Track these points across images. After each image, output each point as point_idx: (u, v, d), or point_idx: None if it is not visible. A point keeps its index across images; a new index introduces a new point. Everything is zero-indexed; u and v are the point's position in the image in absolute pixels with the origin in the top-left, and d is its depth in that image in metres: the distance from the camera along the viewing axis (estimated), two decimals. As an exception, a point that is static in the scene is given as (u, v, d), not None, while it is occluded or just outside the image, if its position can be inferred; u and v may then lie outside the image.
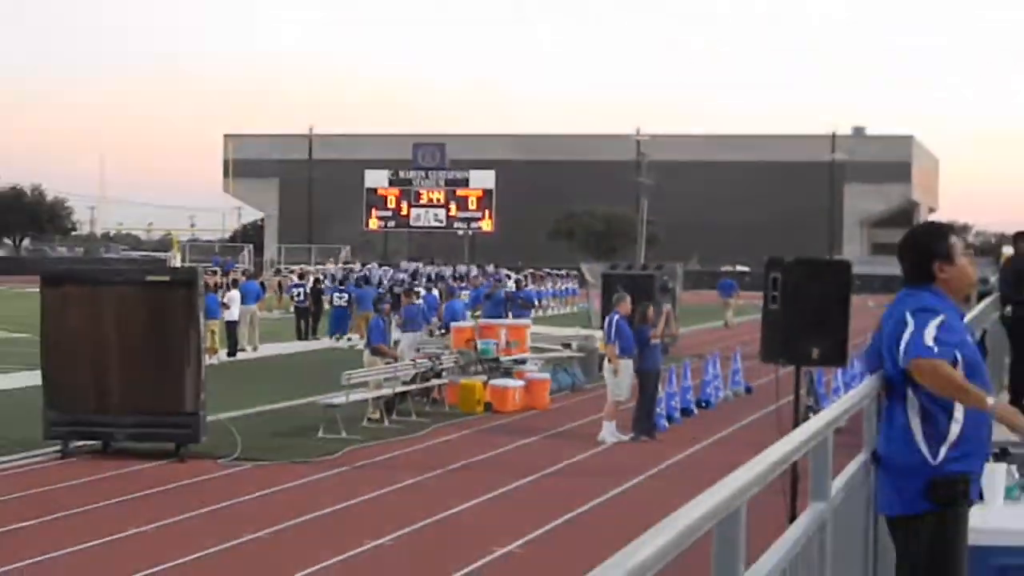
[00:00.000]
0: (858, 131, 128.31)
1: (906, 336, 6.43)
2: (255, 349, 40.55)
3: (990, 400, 6.35)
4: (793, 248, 25.07)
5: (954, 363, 6.38)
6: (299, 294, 49.34)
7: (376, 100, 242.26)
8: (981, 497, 6.95)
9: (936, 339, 6.33)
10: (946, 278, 6.74)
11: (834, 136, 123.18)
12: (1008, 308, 16.15)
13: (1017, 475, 8.77)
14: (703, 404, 28.34)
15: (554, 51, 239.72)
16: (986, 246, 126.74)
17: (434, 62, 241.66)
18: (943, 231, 7.14)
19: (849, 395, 6.34)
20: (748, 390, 30.45)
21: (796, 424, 9.55)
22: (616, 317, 23.71)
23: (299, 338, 45.77)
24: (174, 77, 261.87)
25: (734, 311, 55.75)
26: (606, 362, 24.36)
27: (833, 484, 5.55)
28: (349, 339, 43.07)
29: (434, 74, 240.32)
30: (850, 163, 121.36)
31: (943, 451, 6.50)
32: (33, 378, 22.91)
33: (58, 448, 20.86)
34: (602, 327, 26.61)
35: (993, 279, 18.58)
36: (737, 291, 57.99)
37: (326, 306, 47.61)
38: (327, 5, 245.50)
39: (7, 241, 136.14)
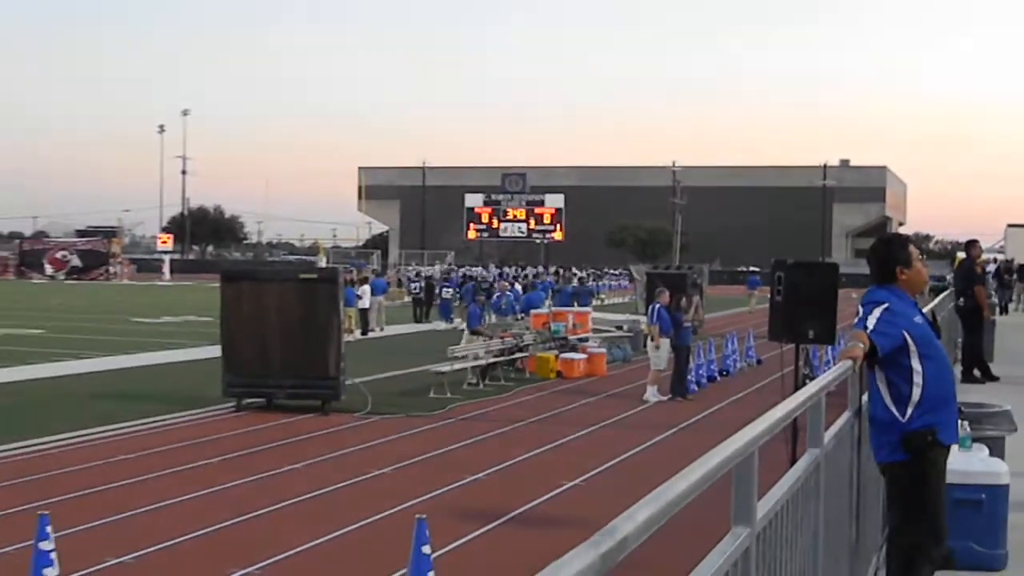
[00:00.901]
0: (844, 162, 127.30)
1: (856, 320, 6.54)
2: (382, 329, 40.79)
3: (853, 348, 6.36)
4: (793, 253, 24.92)
5: (903, 344, 6.39)
6: (416, 288, 49.72)
7: (473, 138, 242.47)
8: (957, 439, 6.95)
9: (877, 319, 6.36)
10: (905, 279, 6.71)
11: (825, 166, 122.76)
12: (960, 300, 16.02)
13: (968, 429, 8.68)
14: (724, 373, 28.28)
15: (608, 98, 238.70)
16: (943, 251, 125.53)
17: (517, 109, 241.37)
18: (903, 242, 7.09)
19: (837, 367, 6.28)
20: (759, 362, 30.29)
21: (796, 388, 9.49)
22: (657, 306, 23.80)
23: (415, 321, 45.98)
24: (323, 120, 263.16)
25: (757, 300, 55.46)
26: (649, 340, 24.30)
27: (825, 435, 5.50)
28: (453, 323, 43.18)
29: (518, 119, 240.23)
30: (837, 188, 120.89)
31: (909, 410, 6.46)
32: (214, 351, 23.12)
33: (233, 404, 21.06)
34: (646, 313, 26.60)
35: (949, 277, 18.41)
36: (761, 285, 57.80)
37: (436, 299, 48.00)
38: (433, 70, 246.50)
39: (196, 248, 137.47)
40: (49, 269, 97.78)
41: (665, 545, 2.87)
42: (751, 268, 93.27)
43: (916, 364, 6.47)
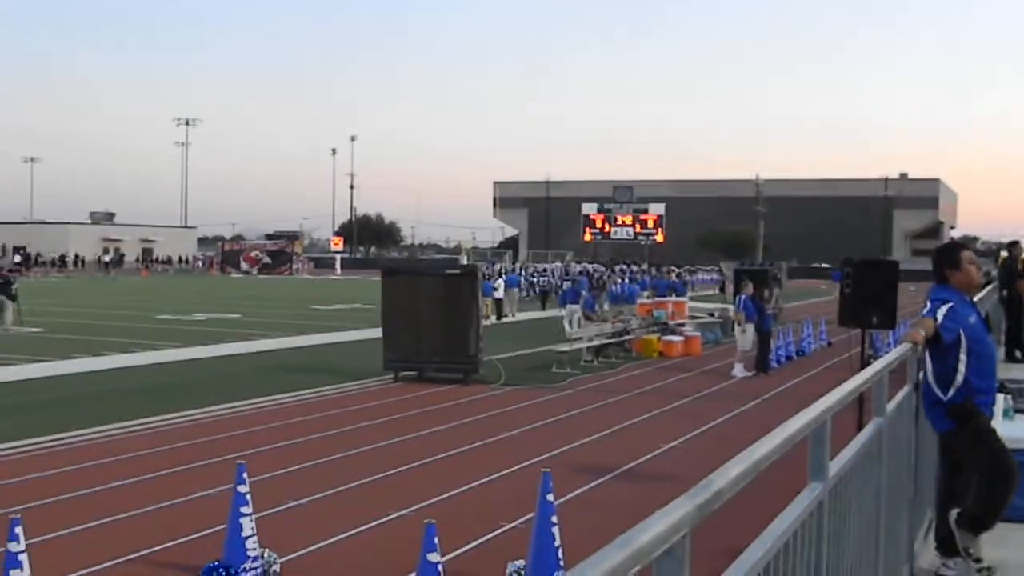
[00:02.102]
0: (903, 175, 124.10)
1: (924, 311, 6.32)
2: (514, 316, 40.78)
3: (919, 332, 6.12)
4: (858, 252, 24.29)
5: (957, 339, 6.20)
6: (543, 281, 49.70)
7: (589, 156, 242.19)
8: (991, 416, 6.73)
9: (944, 315, 6.16)
10: (957, 280, 6.51)
11: (887, 179, 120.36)
12: (1004, 292, 15.55)
13: (1012, 402, 8.43)
14: (800, 353, 27.78)
15: (700, 124, 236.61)
16: (989, 251, 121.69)
17: (625, 133, 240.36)
18: (954, 248, 6.89)
19: (897, 349, 6.12)
20: (829, 344, 29.71)
21: (862, 367, 9.29)
22: (744, 296, 23.59)
23: (542, 309, 45.90)
24: (463, 143, 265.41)
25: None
26: (736, 325, 24.06)
27: (887, 405, 5.36)
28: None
29: (624, 138, 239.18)
30: (897, 197, 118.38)
31: (951, 391, 6.29)
32: (375, 332, 23.40)
33: (391, 376, 21.28)
34: (734, 303, 26.36)
35: (994, 272, 17.91)
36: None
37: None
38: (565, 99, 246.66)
39: (361, 248, 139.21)
40: (245, 266, 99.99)
41: (744, 500, 2.81)
42: (823, 265, 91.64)
43: (963, 356, 6.30)
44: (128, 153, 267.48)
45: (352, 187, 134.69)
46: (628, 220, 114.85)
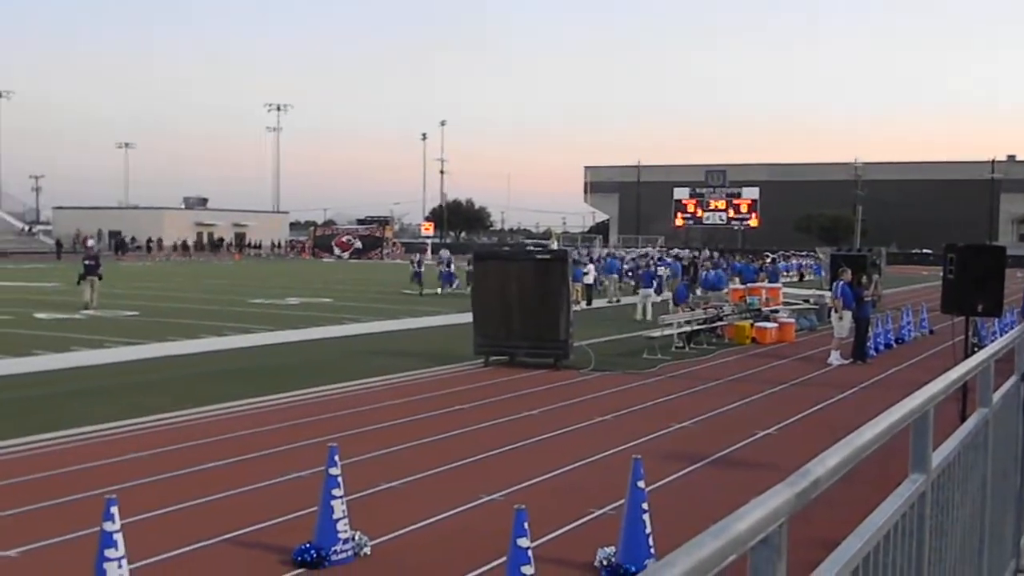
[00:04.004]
0: (1010, 157, 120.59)
1: None
2: (618, 301, 40.25)
3: None
4: (962, 238, 23.68)
5: None
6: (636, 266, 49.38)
7: (681, 140, 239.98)
8: None
9: None
10: None
11: (993, 161, 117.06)
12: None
13: None
14: (899, 341, 27.22)
15: (797, 103, 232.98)
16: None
17: (719, 115, 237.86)
18: None
19: (1006, 336, 5.95)
20: (931, 332, 29.09)
21: (966, 356, 9.07)
22: (841, 283, 23.18)
23: (635, 293, 45.36)
24: (552, 127, 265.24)
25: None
26: (833, 311, 23.64)
27: (994, 396, 5.22)
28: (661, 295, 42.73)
29: (719, 123, 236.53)
30: (1004, 180, 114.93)
31: None
32: (466, 317, 23.53)
33: (482, 360, 21.38)
34: (831, 289, 25.93)
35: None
36: None
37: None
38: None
39: (451, 233, 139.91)
40: (337, 251, 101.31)
41: (838, 490, 2.76)
42: (925, 251, 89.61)
43: None
44: (220, 139, 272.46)
45: (442, 172, 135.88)
46: (721, 205, 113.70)
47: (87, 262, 34.65)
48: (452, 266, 46.27)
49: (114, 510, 6.74)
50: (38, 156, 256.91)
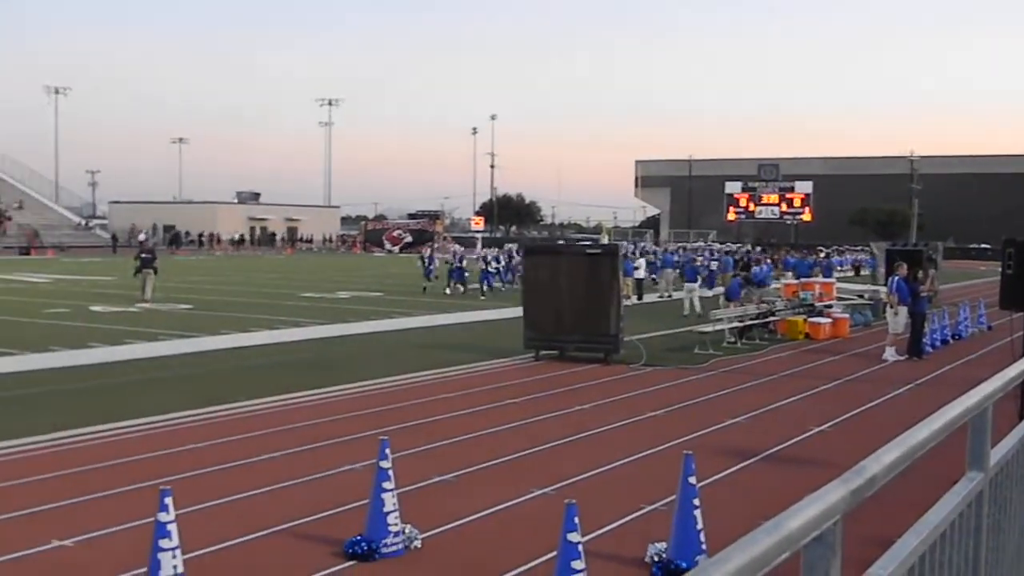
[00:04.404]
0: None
1: None
2: (670, 296, 40.04)
3: None
4: (1021, 232, 23.24)
5: None
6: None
7: (733, 134, 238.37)
8: None
9: None
10: None
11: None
12: None
13: None
14: (956, 337, 26.89)
15: (851, 96, 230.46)
16: None
17: (772, 107, 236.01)
18: None
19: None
20: (989, 328, 28.66)
21: (1024, 351, 8.93)
22: (896, 278, 22.86)
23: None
24: (605, 119, 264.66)
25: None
26: (888, 307, 23.39)
27: (1053, 392, 5.14)
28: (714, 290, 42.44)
29: (771, 115, 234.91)
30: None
31: None
32: (517, 312, 23.54)
33: (532, 355, 21.39)
34: (886, 284, 25.64)
35: None
36: None
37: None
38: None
39: (501, 228, 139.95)
40: (387, 245, 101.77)
41: (891, 488, 2.72)
42: (983, 245, 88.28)
43: None
44: (272, 134, 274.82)
45: (492, 166, 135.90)
46: (774, 199, 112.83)
47: (143, 255, 35.11)
48: (464, 261, 42.29)
49: (168, 501, 6.82)
50: (94, 151, 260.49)
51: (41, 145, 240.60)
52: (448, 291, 39.98)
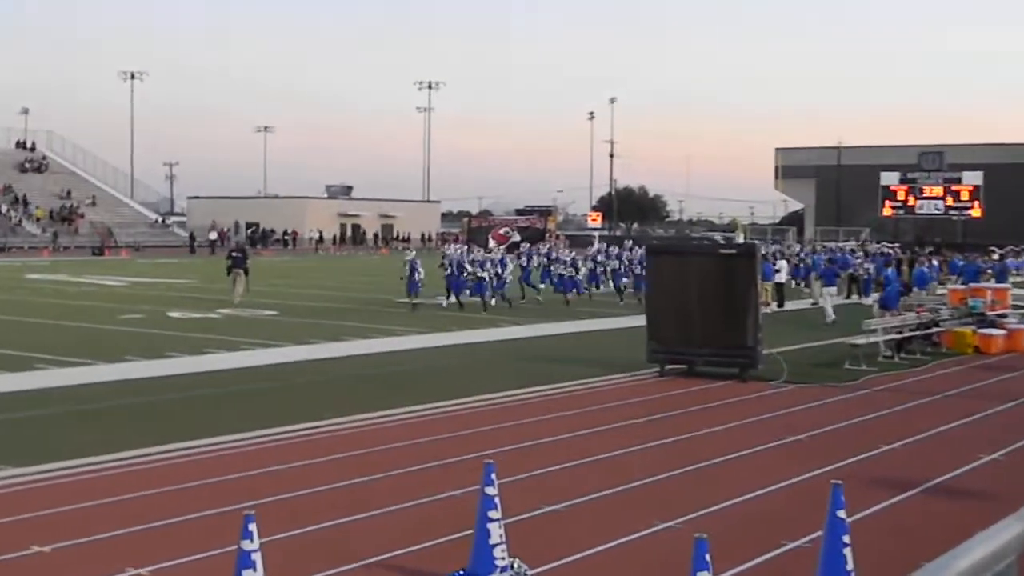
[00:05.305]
0: None
1: None
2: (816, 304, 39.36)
3: None
4: None
5: None
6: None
7: (889, 117, 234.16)
8: None
9: None
10: None
11: None
12: None
13: None
14: None
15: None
16: None
17: (934, 86, 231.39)
18: None
19: None
20: None
21: None
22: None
23: (847, 297, 44.21)
24: (740, 103, 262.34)
25: None
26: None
27: None
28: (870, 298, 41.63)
29: (933, 96, 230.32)
30: None
31: None
32: (638, 320, 23.46)
33: (656, 369, 21.30)
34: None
35: None
36: None
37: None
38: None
39: (622, 225, 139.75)
40: (492, 244, 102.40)
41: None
42: None
43: None
44: (365, 121, 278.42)
45: (612, 156, 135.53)
46: (937, 192, 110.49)
47: (233, 255, 35.94)
48: (420, 273, 35.16)
49: (252, 527, 6.94)
50: (172, 142, 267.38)
51: (115, 136, 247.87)
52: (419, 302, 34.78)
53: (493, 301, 35.30)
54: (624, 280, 39.93)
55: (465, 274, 35.49)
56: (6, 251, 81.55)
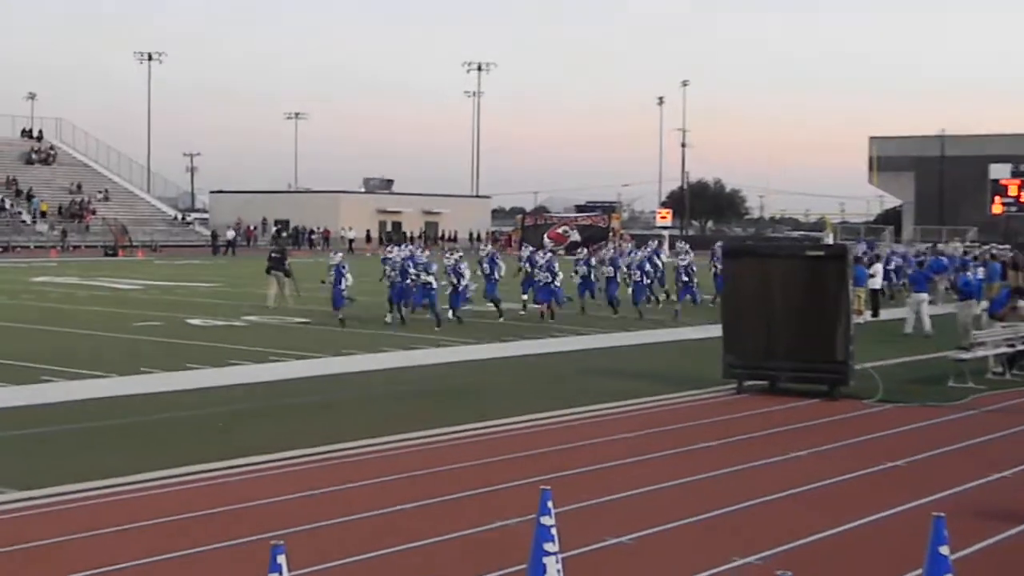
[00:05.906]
0: None
1: None
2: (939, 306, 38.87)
3: None
4: None
5: None
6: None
7: (998, 103, 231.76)
8: None
9: None
10: None
11: None
12: None
13: None
14: None
15: None
16: None
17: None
18: None
19: None
20: None
21: None
22: None
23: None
24: (828, 90, 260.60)
25: None
26: None
27: None
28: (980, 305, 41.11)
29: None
30: None
31: None
32: (714, 331, 23.37)
33: (733, 385, 21.22)
34: None
35: None
36: None
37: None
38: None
39: (695, 223, 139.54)
40: (549, 243, 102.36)
41: None
42: None
43: None
44: (407, 106, 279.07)
45: (684, 145, 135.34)
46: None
47: (272, 255, 36.14)
48: (348, 279, 33.03)
49: (281, 559, 6.97)
50: (193, 131, 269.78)
51: (130, 124, 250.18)
52: (388, 318, 33.11)
53: (451, 315, 32.64)
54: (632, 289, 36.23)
55: (408, 280, 32.70)
56: (10, 251, 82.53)
